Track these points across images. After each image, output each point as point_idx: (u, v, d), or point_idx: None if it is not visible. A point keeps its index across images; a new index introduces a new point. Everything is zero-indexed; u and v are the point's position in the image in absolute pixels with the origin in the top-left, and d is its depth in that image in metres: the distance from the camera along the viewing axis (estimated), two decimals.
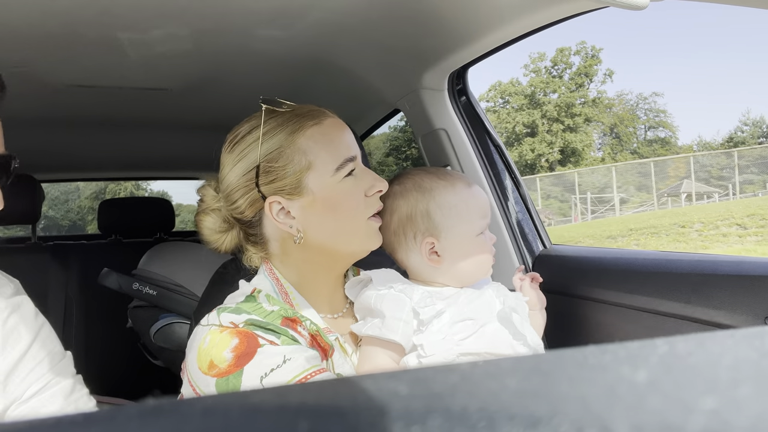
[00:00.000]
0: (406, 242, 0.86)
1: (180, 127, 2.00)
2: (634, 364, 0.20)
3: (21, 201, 1.96)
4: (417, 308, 0.78)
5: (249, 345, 0.69)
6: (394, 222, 0.87)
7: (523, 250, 1.40)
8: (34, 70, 1.33)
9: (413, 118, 1.50)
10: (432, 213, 0.85)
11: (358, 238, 0.82)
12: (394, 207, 0.87)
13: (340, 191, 0.79)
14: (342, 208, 0.79)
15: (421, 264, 0.87)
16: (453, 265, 0.86)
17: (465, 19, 1.09)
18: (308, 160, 0.78)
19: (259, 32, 1.18)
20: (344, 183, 0.79)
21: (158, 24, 1.09)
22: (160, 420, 0.17)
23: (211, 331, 0.72)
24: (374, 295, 0.81)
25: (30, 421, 0.17)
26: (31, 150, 2.19)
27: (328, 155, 0.79)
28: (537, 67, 30.25)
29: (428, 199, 0.85)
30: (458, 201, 0.86)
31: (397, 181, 0.89)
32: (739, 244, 11.04)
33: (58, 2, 0.98)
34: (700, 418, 0.16)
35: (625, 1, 0.67)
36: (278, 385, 0.21)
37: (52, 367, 0.80)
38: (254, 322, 0.71)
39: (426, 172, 0.90)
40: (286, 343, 0.71)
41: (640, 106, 33.75)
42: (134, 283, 1.77)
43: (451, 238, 0.85)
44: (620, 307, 1.11)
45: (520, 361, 0.22)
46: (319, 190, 0.78)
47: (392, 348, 0.79)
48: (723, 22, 52.05)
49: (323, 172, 0.78)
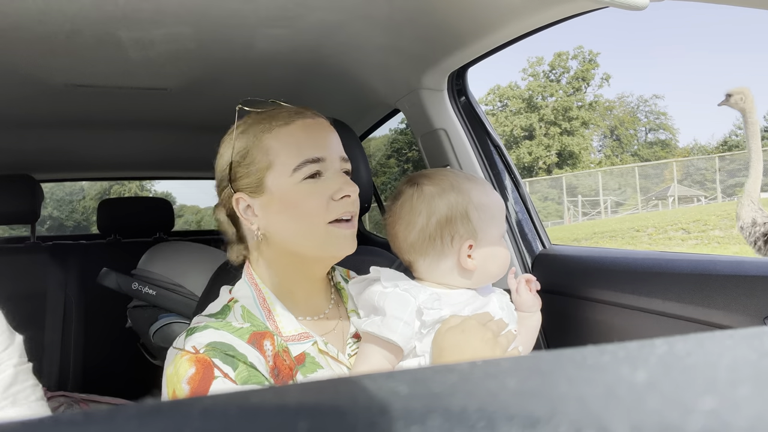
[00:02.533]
0: (442, 246, 0.83)
1: (179, 127, 2.00)
2: (633, 365, 0.20)
3: (20, 201, 1.96)
4: (422, 309, 0.77)
5: (203, 378, 0.69)
6: (431, 225, 0.83)
7: (522, 250, 1.40)
8: (34, 70, 1.33)
9: (413, 118, 1.50)
10: (470, 214, 0.83)
11: (317, 242, 0.80)
12: (432, 209, 0.83)
13: (296, 192, 0.78)
14: (298, 209, 0.78)
15: (452, 269, 0.84)
16: (483, 267, 0.84)
17: (465, 20, 1.09)
18: (269, 159, 0.79)
19: (260, 32, 1.18)
20: (303, 185, 0.78)
21: (159, 24, 1.09)
22: (160, 420, 0.17)
23: (176, 357, 0.73)
24: (378, 291, 0.80)
25: (29, 421, 0.17)
26: (30, 150, 2.19)
27: (288, 156, 0.79)
28: (535, 71, 30.50)
29: (467, 200, 0.83)
30: (490, 203, 0.86)
31: (428, 182, 0.86)
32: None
33: (58, 2, 0.98)
34: (699, 419, 0.16)
35: (624, 1, 0.67)
36: (278, 385, 0.21)
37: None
38: (216, 346, 0.71)
39: (454, 173, 0.88)
40: (241, 374, 0.71)
41: (640, 108, 33.87)
42: (133, 282, 1.77)
43: (485, 240, 0.84)
44: (619, 308, 1.11)
45: (520, 361, 0.22)
46: (277, 190, 0.79)
47: (390, 348, 0.77)
48: (719, 20, 52.15)
49: (281, 172, 0.79)
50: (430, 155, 1.49)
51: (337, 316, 0.89)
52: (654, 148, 32.66)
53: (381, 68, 1.41)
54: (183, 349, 0.73)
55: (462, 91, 1.44)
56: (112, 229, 2.42)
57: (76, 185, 22.08)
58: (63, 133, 2.01)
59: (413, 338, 0.77)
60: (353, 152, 1.20)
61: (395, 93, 1.48)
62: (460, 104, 1.43)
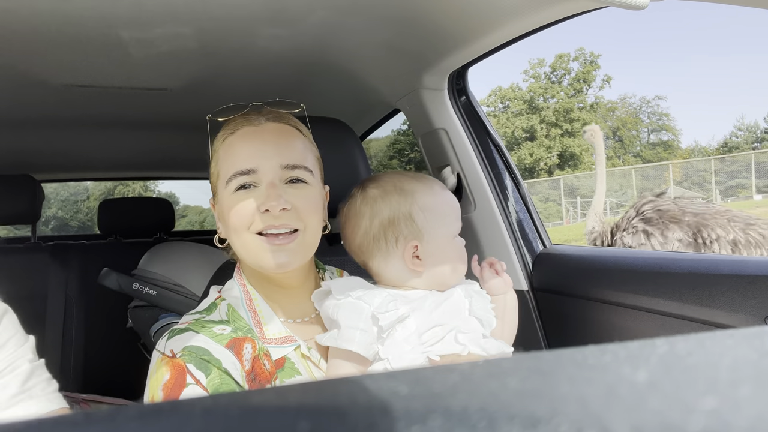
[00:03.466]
0: (387, 247, 0.83)
1: (180, 127, 2.00)
2: (634, 364, 0.20)
3: (20, 201, 1.96)
4: (377, 314, 0.76)
5: (175, 385, 0.70)
6: (374, 227, 0.83)
7: (522, 250, 1.40)
8: (34, 71, 1.33)
9: (413, 118, 1.50)
10: (415, 216, 0.82)
11: (249, 253, 0.79)
12: (375, 211, 0.83)
13: (229, 203, 0.79)
14: (229, 219, 0.79)
15: (401, 270, 0.84)
16: (432, 268, 0.84)
17: (465, 20, 1.09)
18: (217, 169, 0.82)
19: (260, 32, 1.18)
20: (235, 196, 0.78)
21: (159, 24, 1.09)
22: (160, 420, 0.17)
23: (157, 361, 0.74)
24: (332, 304, 0.80)
25: (29, 421, 0.17)
26: (30, 150, 2.19)
27: (225, 166, 0.80)
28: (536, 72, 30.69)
29: (410, 201, 0.83)
30: (438, 203, 0.85)
31: (373, 185, 0.86)
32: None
33: (58, 2, 0.98)
34: (700, 418, 0.16)
35: (625, 1, 0.67)
36: (278, 386, 0.21)
37: (11, 352, 0.80)
38: (192, 350, 0.72)
39: (402, 174, 0.88)
40: (213, 381, 0.71)
41: (643, 110, 33.90)
42: (134, 283, 1.77)
43: (432, 241, 0.83)
44: (620, 307, 1.11)
45: (520, 360, 0.22)
46: (220, 199, 0.82)
47: (353, 358, 0.77)
48: (723, 23, 52.13)
49: (221, 182, 0.81)
50: (431, 155, 1.49)
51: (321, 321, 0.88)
52: (657, 149, 32.69)
53: (381, 68, 1.41)
54: (163, 352, 0.74)
55: (462, 91, 1.44)
56: (113, 229, 2.42)
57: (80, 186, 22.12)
58: (63, 134, 2.01)
59: (374, 344, 0.77)
60: (352, 152, 1.20)
61: (395, 93, 1.48)
62: (461, 104, 1.43)
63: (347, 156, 1.17)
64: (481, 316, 0.82)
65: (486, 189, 1.39)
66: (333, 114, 1.30)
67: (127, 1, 0.99)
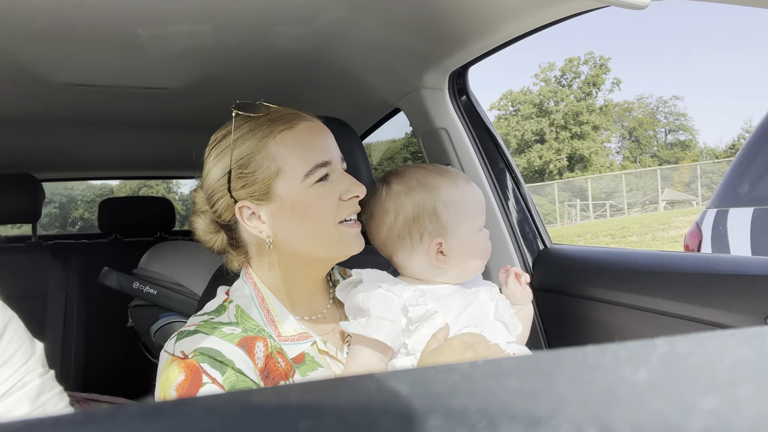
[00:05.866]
0: (411, 243, 0.83)
1: (180, 126, 2.00)
2: (635, 364, 0.20)
3: (21, 200, 1.96)
4: (407, 305, 0.77)
5: (192, 384, 0.69)
6: (399, 223, 0.83)
7: (523, 249, 1.40)
8: (35, 70, 1.33)
9: (414, 118, 1.49)
10: (439, 212, 0.82)
11: (329, 243, 0.80)
12: (399, 207, 0.83)
13: (309, 197, 0.78)
14: (310, 213, 0.78)
15: (425, 265, 0.84)
16: (457, 263, 0.84)
17: (465, 19, 1.09)
18: (277, 166, 0.78)
19: (260, 33, 1.18)
20: (314, 189, 0.78)
21: (160, 24, 1.09)
22: (161, 419, 0.17)
23: (167, 362, 0.73)
24: (362, 293, 0.80)
25: (29, 421, 0.17)
26: (31, 149, 2.20)
27: (298, 161, 0.78)
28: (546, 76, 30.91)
29: (435, 197, 0.83)
30: (462, 198, 0.85)
31: (397, 180, 0.86)
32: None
33: (59, 1, 0.98)
34: (701, 418, 0.16)
35: (625, 0, 0.67)
36: (279, 385, 0.21)
37: (19, 367, 0.76)
38: (204, 351, 0.72)
39: (425, 169, 0.87)
40: (229, 379, 0.70)
41: (660, 110, 33.88)
42: (134, 282, 1.77)
43: (457, 236, 0.83)
44: (620, 307, 1.11)
45: (521, 360, 0.22)
46: (288, 197, 0.78)
47: (378, 347, 0.77)
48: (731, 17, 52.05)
49: (292, 178, 0.78)
50: (431, 155, 1.49)
51: (336, 316, 0.89)
52: (674, 150, 32.67)
53: (382, 67, 1.41)
54: (173, 354, 0.73)
55: (463, 91, 1.44)
56: (114, 228, 2.43)
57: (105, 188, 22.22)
58: (64, 133, 2.02)
59: (401, 336, 0.77)
60: (354, 152, 1.20)
61: (396, 92, 1.48)
62: (461, 103, 1.43)
63: (348, 155, 1.17)
64: (506, 320, 0.83)
65: (486, 188, 1.39)
66: (334, 113, 1.30)
67: (129, 2, 0.99)
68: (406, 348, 0.78)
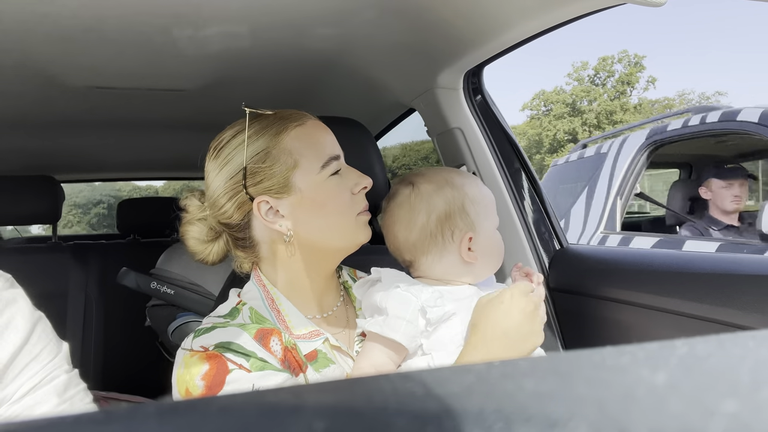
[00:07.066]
0: (443, 242, 0.84)
1: (197, 127, 2.02)
2: (653, 366, 0.20)
3: (42, 201, 1.99)
4: (426, 306, 0.77)
5: (218, 372, 0.70)
6: (432, 222, 0.84)
7: (539, 249, 1.39)
8: (56, 73, 1.35)
9: (428, 118, 1.49)
10: (468, 208, 0.85)
11: (348, 233, 0.84)
12: (432, 207, 0.85)
13: (326, 188, 0.81)
14: (330, 204, 0.81)
15: (455, 264, 0.85)
16: (483, 260, 0.86)
17: (480, 18, 1.08)
18: (294, 159, 0.80)
19: (274, 33, 1.18)
20: (330, 181, 0.81)
21: (180, 26, 1.10)
22: (178, 418, 0.18)
23: (185, 357, 0.73)
24: (380, 292, 0.80)
25: (51, 419, 0.18)
26: (51, 151, 2.23)
27: (313, 154, 0.81)
28: (579, 75, 30.67)
29: (462, 194, 0.85)
30: (483, 195, 0.88)
31: (424, 181, 0.87)
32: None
33: (80, 5, 0.99)
34: (721, 422, 0.16)
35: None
36: (294, 385, 0.21)
37: (46, 363, 0.78)
38: (224, 344, 0.72)
39: (445, 169, 0.90)
40: (255, 364, 0.71)
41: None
42: (152, 282, 1.79)
43: (482, 232, 0.86)
44: (638, 307, 1.10)
45: (537, 362, 0.22)
46: (307, 188, 0.80)
47: (393, 347, 0.77)
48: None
49: (309, 171, 0.80)
50: (446, 154, 1.48)
51: (345, 314, 0.90)
52: None
53: (396, 67, 1.41)
54: (191, 349, 0.74)
55: (478, 90, 1.44)
56: (131, 229, 2.46)
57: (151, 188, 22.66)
58: (83, 135, 2.04)
59: (418, 336, 0.77)
60: (368, 152, 1.20)
61: (411, 92, 1.48)
62: (476, 103, 1.43)
63: (363, 156, 1.17)
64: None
65: (502, 188, 1.39)
66: (348, 114, 1.30)
67: (154, 3, 1.00)
68: (421, 348, 0.78)
